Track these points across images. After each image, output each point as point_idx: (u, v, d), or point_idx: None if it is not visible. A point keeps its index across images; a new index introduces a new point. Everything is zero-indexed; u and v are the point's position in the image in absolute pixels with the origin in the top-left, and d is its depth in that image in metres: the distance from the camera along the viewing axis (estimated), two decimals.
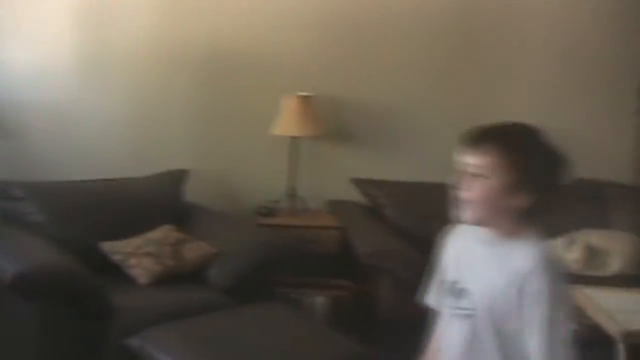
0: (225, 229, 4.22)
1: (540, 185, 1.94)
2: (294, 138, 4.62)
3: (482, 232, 2.04)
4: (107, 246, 3.87)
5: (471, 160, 1.97)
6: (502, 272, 1.94)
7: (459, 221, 2.05)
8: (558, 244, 4.28)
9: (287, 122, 4.55)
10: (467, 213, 1.99)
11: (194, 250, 3.95)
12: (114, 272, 3.78)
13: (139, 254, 3.83)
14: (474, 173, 1.96)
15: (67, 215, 3.96)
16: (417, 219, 4.40)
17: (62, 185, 4.18)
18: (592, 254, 4.22)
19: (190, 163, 4.58)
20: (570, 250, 4.22)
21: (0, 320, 3.69)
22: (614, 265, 4.20)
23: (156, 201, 4.33)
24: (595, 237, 4.29)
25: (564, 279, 1.94)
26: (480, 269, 2.03)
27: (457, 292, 2.07)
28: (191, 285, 3.79)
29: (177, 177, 4.51)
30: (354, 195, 4.68)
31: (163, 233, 4.03)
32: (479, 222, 2.01)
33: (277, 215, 4.64)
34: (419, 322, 2.62)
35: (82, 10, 4.62)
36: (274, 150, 4.74)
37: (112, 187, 4.28)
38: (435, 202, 4.36)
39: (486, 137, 1.98)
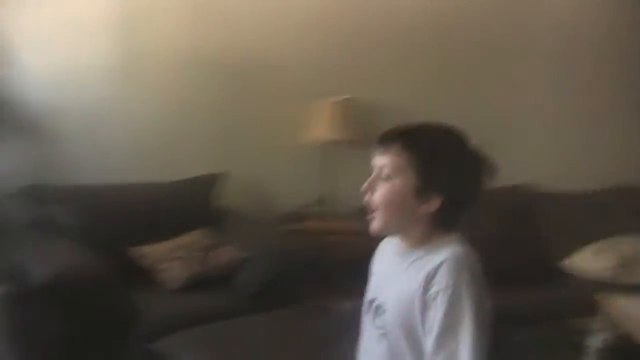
0: (254, 234, 4.22)
1: (451, 189, 1.82)
2: (325, 143, 4.62)
3: (397, 243, 1.93)
4: (138, 251, 3.90)
5: (378, 161, 1.88)
6: (410, 282, 1.80)
7: (373, 233, 1.92)
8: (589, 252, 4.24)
9: (318, 127, 4.55)
10: (375, 221, 1.87)
11: (223, 255, 3.96)
12: (145, 276, 3.81)
13: (169, 259, 3.85)
14: (381, 175, 1.86)
15: (99, 219, 3.98)
16: None
17: (94, 189, 4.22)
18: (625, 262, 4.16)
19: (222, 168, 4.56)
20: (602, 258, 4.17)
21: (26, 323, 3.74)
22: None
23: (187, 206, 4.34)
24: (628, 245, 4.24)
25: (476, 282, 1.76)
26: (392, 282, 1.90)
27: (375, 310, 1.95)
28: (219, 290, 3.79)
29: (208, 182, 4.52)
30: None
31: (193, 238, 4.05)
32: (388, 230, 1.91)
33: (308, 220, 4.64)
34: None
35: (116, 16, 4.66)
36: (305, 155, 4.74)
37: (143, 192, 4.31)
38: None
39: (392, 137, 1.89)
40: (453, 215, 1.87)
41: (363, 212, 4.67)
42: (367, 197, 1.88)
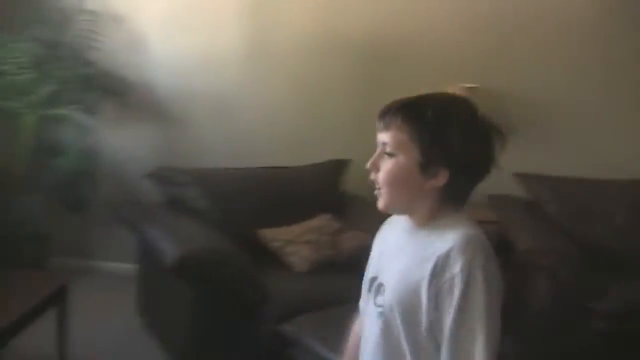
0: (381, 219, 4.21)
1: (459, 162, 1.71)
2: None
3: (404, 221, 1.84)
4: (266, 233, 3.95)
5: (380, 137, 1.77)
6: (415, 261, 1.72)
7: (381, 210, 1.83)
8: None
9: None
10: (381, 199, 1.79)
11: (351, 239, 3.98)
12: (272, 259, 3.86)
13: (297, 242, 3.90)
14: (384, 151, 1.76)
15: (229, 202, 4.06)
16: (579, 217, 4.23)
17: (225, 172, 4.30)
18: None
19: (349, 153, 4.59)
20: None
21: (159, 302, 3.86)
22: None
23: (316, 190, 4.38)
24: None
25: (489, 264, 1.66)
26: (396, 260, 1.81)
27: (376, 288, 1.85)
28: (346, 274, 3.78)
29: (337, 167, 4.56)
30: (517, 189, 4.55)
31: (322, 222, 4.09)
32: (394, 208, 1.82)
33: None
34: (573, 321, 2.52)
35: (248, 0, 4.75)
36: None
37: (273, 175, 4.37)
38: (599, 199, 4.26)
39: (392, 111, 1.76)
40: (463, 189, 1.78)
41: (493, 200, 4.60)
42: (372, 176, 1.80)
